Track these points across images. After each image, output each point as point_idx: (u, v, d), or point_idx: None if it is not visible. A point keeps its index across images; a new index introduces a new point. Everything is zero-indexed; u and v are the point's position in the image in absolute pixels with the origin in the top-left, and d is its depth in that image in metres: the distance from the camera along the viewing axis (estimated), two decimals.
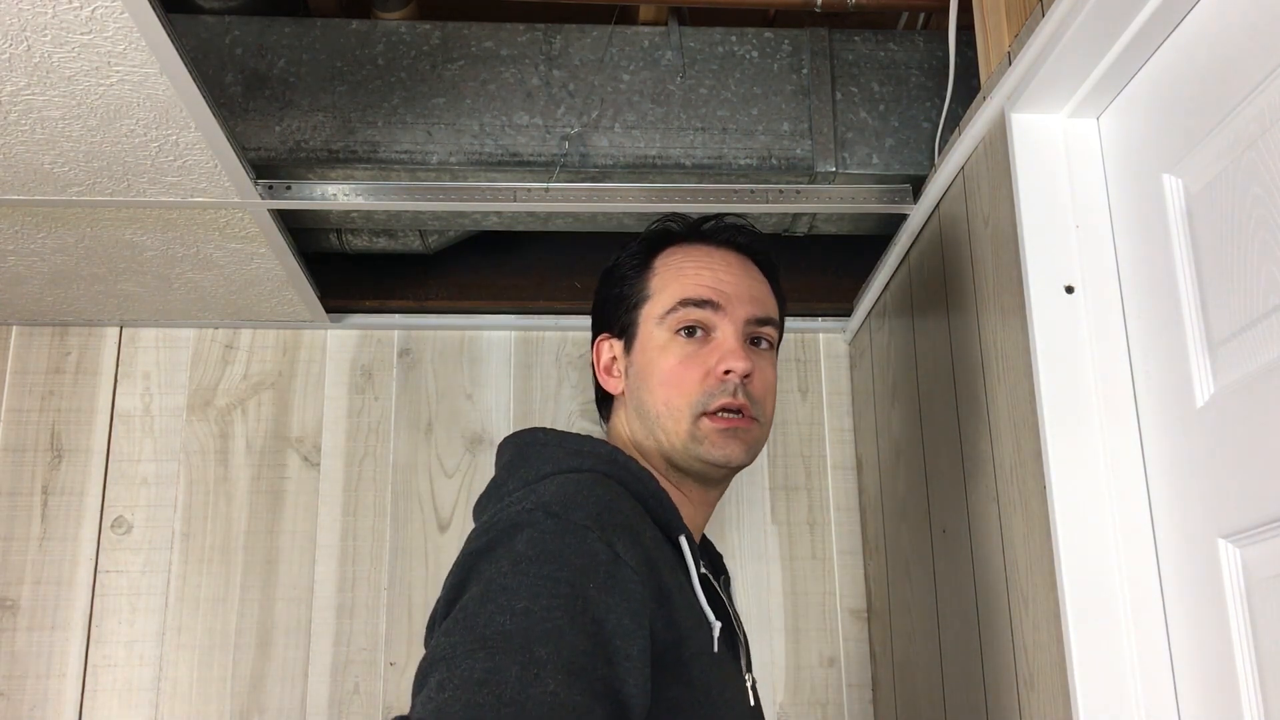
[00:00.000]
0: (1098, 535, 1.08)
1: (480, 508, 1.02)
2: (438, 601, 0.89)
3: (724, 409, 1.03)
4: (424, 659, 0.81)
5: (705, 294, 1.06)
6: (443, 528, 1.83)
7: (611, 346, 1.12)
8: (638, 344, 1.09)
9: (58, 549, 1.77)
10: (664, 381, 1.04)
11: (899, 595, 1.65)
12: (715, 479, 1.08)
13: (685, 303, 1.06)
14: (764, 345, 1.10)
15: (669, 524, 0.98)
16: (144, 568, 1.78)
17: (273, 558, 1.80)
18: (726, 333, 1.05)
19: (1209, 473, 1.00)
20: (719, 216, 1.15)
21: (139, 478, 1.82)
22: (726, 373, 1.03)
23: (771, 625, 1.83)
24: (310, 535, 1.81)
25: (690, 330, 1.06)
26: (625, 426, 1.10)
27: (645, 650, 0.83)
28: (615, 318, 1.12)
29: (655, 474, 1.03)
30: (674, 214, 1.17)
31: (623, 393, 1.10)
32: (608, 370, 1.12)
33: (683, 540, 0.98)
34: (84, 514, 1.79)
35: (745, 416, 1.04)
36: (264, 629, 1.77)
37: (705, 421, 1.03)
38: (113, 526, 1.79)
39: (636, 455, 1.07)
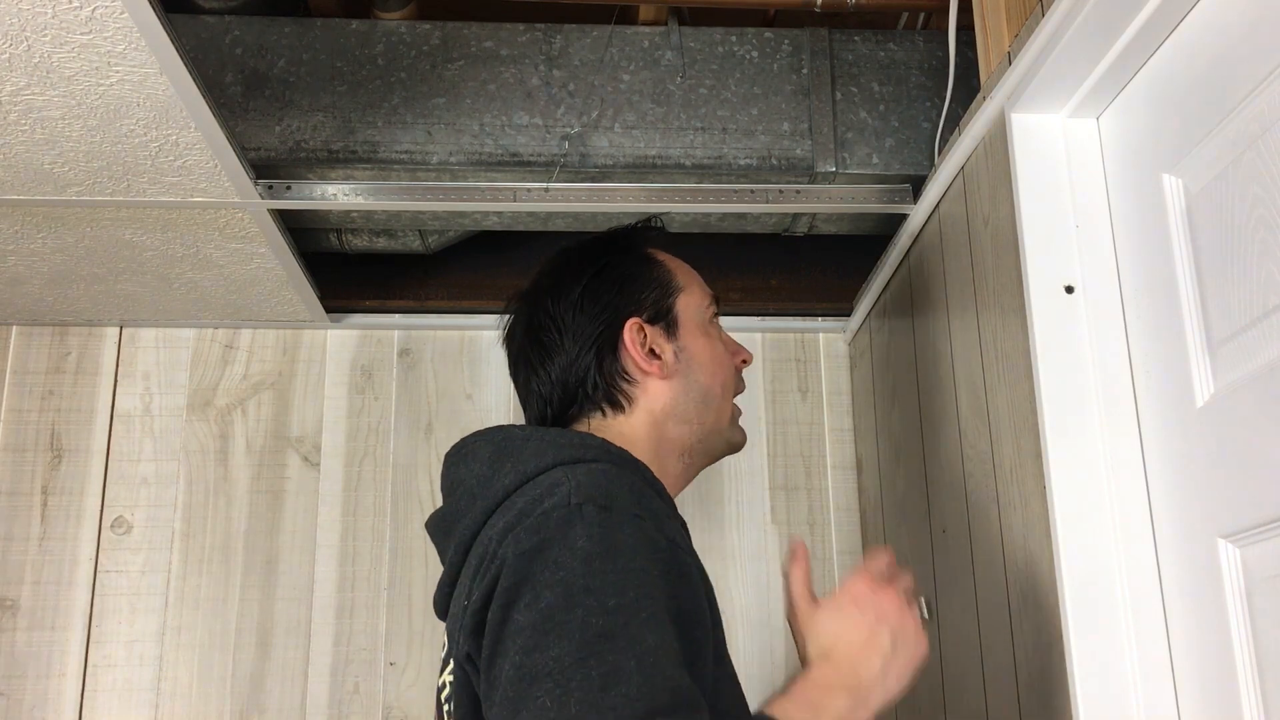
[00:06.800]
0: (1098, 535, 1.08)
1: (465, 508, 0.94)
2: (474, 600, 0.84)
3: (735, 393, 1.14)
4: (509, 672, 0.76)
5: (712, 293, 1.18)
6: None
7: (644, 329, 1.07)
8: (683, 330, 1.11)
9: (58, 549, 1.77)
10: (720, 364, 1.12)
11: None
12: (716, 461, 1.15)
13: (713, 299, 1.16)
14: None
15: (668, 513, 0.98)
16: (144, 568, 1.78)
17: (273, 558, 1.80)
18: (723, 330, 1.17)
19: (1209, 473, 0.99)
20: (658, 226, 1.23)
21: (139, 478, 1.82)
22: (744, 362, 1.16)
23: (771, 625, 1.83)
24: (310, 535, 1.81)
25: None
26: (655, 412, 1.05)
27: (709, 631, 0.85)
28: (645, 302, 1.08)
29: (657, 463, 1.03)
30: (652, 215, 1.26)
31: (670, 378, 1.06)
32: (649, 352, 1.07)
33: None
34: (84, 514, 1.79)
35: None
36: (264, 629, 1.77)
37: (732, 405, 1.14)
38: (113, 526, 1.79)
39: (643, 444, 1.04)
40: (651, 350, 1.07)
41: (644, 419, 1.05)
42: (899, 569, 1.01)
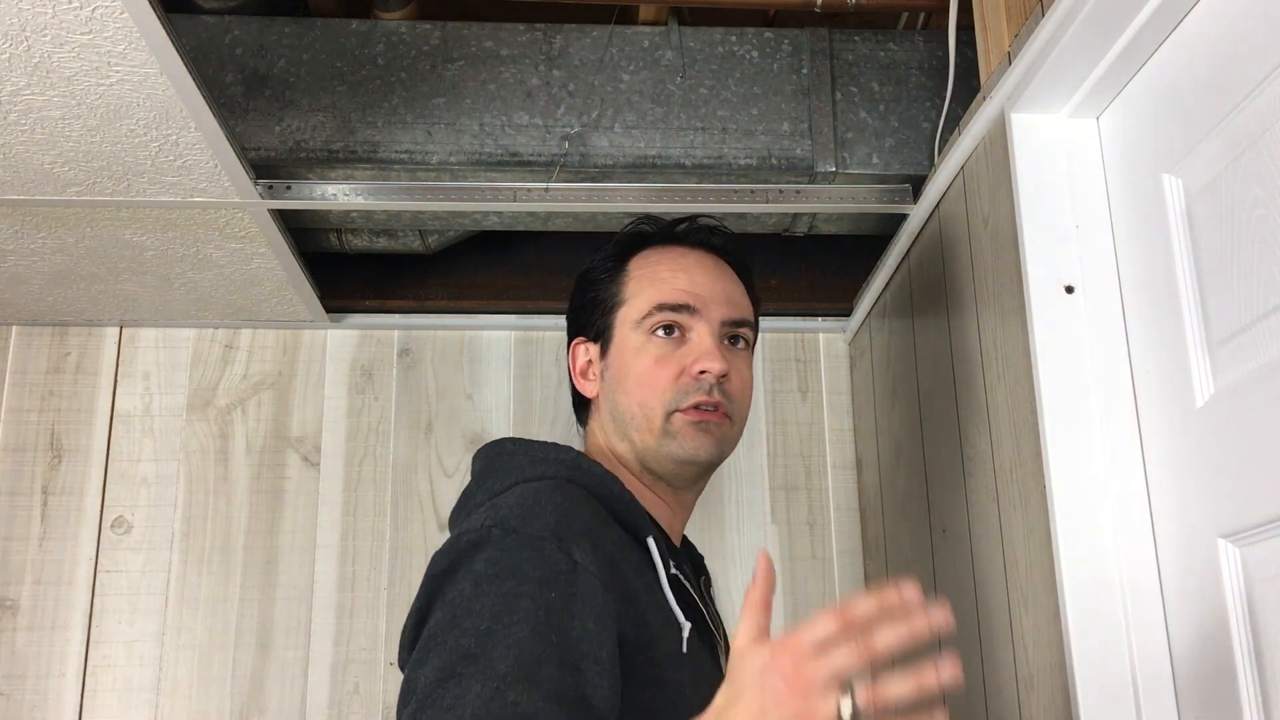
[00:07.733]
0: (1098, 535, 1.08)
1: (453, 520, 1.02)
2: (407, 619, 0.89)
3: (698, 405, 1.03)
4: (402, 686, 0.83)
5: (680, 298, 1.07)
6: (442, 527, 1.83)
7: (587, 350, 1.12)
8: (613, 347, 1.09)
9: (58, 549, 1.77)
10: (639, 382, 1.05)
11: None
12: (687, 478, 1.08)
13: (661, 308, 1.06)
14: (740, 345, 1.11)
15: (635, 525, 0.97)
16: (144, 568, 1.78)
17: (273, 558, 1.80)
18: (702, 334, 1.06)
19: (1209, 473, 0.99)
20: (693, 218, 1.15)
21: (139, 478, 1.82)
22: (701, 373, 1.04)
23: (771, 625, 1.83)
24: (310, 535, 1.81)
25: (668, 329, 1.06)
26: (600, 430, 1.10)
27: (613, 653, 0.83)
28: (591, 321, 1.12)
29: (625, 476, 1.03)
30: (647, 216, 1.17)
31: (598, 396, 1.10)
32: (583, 374, 1.12)
33: (650, 542, 0.97)
34: (84, 514, 1.79)
35: (719, 412, 1.04)
36: (264, 629, 1.77)
37: (678, 416, 1.03)
38: (113, 526, 1.79)
39: (609, 458, 1.07)
40: (591, 370, 1.12)
41: (597, 434, 1.11)
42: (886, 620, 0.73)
